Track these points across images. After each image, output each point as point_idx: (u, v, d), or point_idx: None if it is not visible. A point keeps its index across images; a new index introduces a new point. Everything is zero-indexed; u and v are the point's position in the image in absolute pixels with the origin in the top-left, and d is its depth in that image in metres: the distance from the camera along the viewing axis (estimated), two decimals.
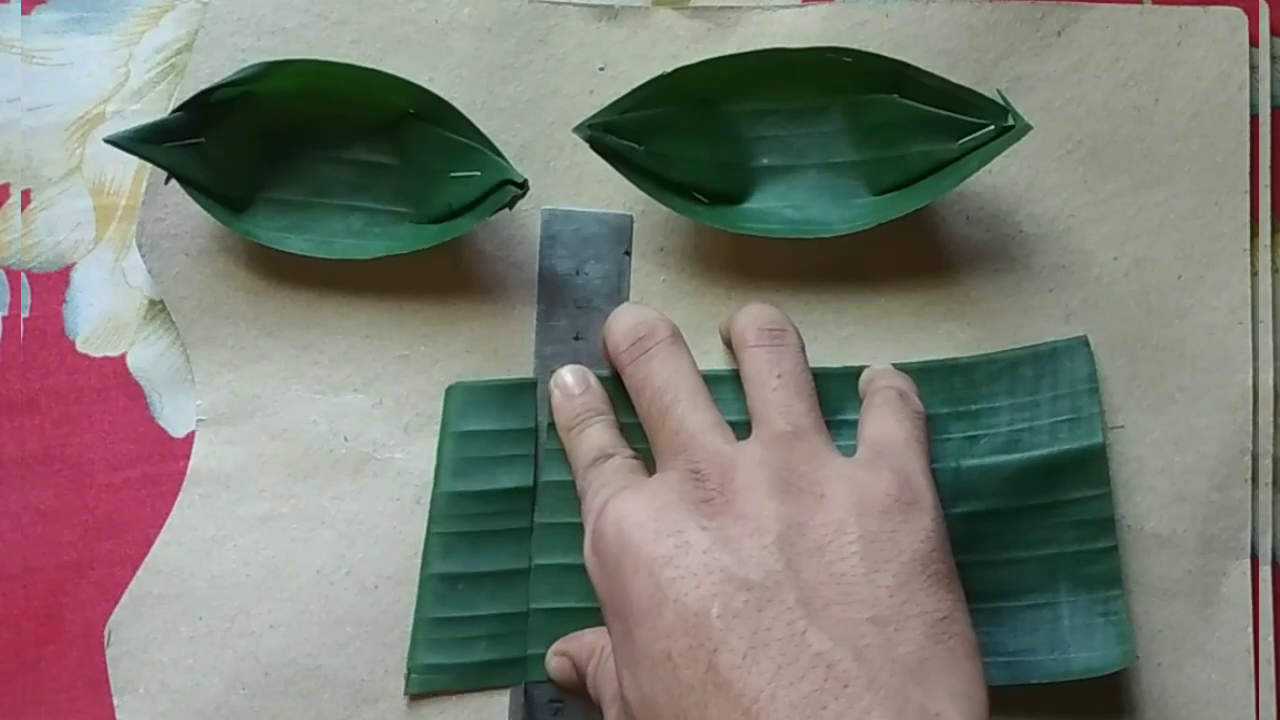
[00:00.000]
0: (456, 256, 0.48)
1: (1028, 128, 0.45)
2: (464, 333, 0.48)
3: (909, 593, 0.38)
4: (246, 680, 0.47)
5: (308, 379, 0.48)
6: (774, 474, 0.41)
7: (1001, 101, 0.45)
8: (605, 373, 0.47)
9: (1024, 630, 0.46)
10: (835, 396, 0.47)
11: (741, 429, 0.47)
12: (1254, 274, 0.49)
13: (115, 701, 0.47)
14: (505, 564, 0.47)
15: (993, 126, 0.45)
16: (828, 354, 0.48)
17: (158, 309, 0.49)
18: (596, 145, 0.46)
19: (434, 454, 0.48)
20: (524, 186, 0.45)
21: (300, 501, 0.48)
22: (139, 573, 0.47)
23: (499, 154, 0.46)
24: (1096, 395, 0.47)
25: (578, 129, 0.45)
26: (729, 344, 0.47)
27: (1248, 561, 0.48)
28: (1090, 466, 0.47)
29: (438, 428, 0.48)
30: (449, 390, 0.48)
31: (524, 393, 0.48)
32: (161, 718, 0.47)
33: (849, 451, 0.47)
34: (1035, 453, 0.47)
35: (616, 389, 0.47)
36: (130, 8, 0.49)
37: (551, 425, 0.47)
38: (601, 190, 0.49)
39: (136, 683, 0.47)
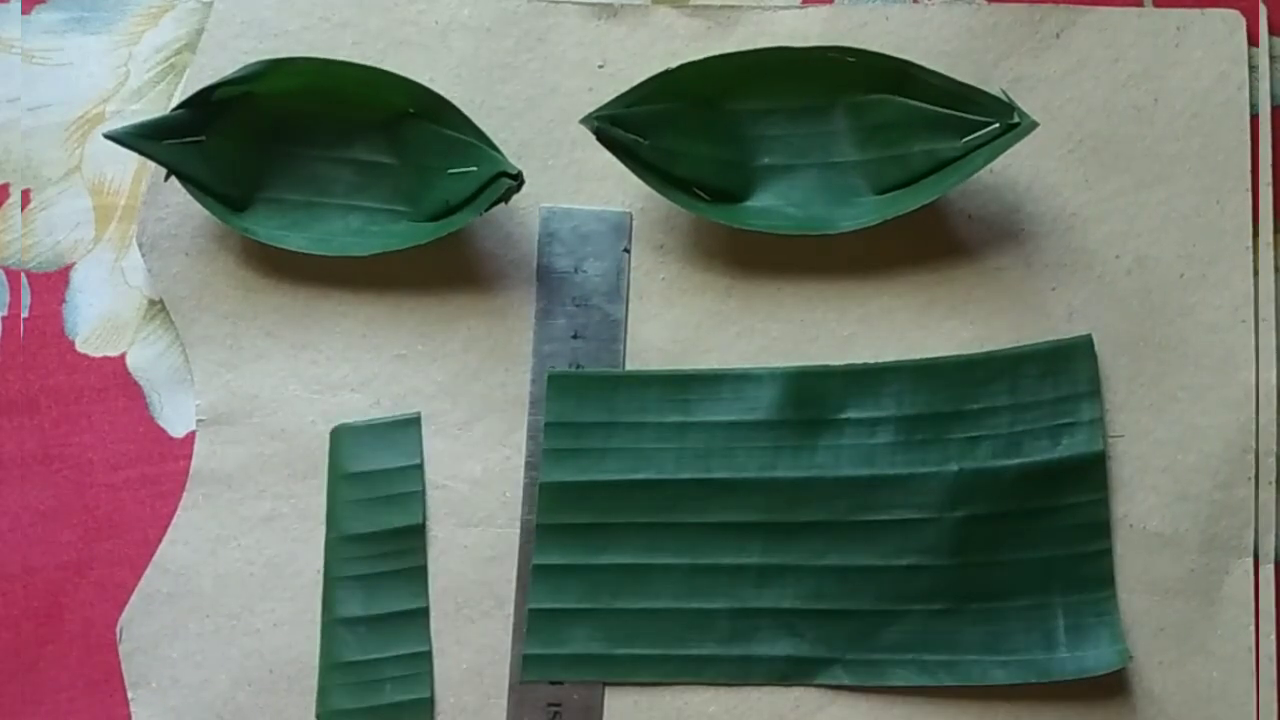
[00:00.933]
0: (455, 254, 0.48)
1: (1034, 124, 0.45)
2: (462, 331, 0.48)
3: None
4: (252, 677, 0.47)
5: (305, 378, 0.48)
6: None
7: (1005, 99, 0.45)
8: (603, 371, 0.48)
9: (1020, 631, 0.46)
10: (837, 395, 0.47)
11: (742, 428, 0.47)
12: (1255, 273, 0.49)
13: (130, 695, 0.47)
14: (403, 604, 0.47)
15: (998, 124, 0.45)
16: (829, 353, 0.48)
17: (157, 309, 0.49)
18: (603, 137, 0.46)
19: (432, 454, 0.48)
20: (518, 178, 0.45)
21: (300, 501, 0.48)
22: (148, 570, 0.47)
23: (494, 148, 0.46)
24: (1098, 398, 0.47)
25: (585, 120, 0.45)
26: None
27: (1250, 560, 0.48)
28: (1090, 472, 0.47)
29: (434, 429, 0.48)
30: (333, 433, 0.48)
31: (408, 429, 0.48)
32: (173, 712, 0.47)
33: (849, 451, 0.47)
34: (1036, 458, 0.47)
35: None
36: (130, 8, 0.50)
37: (550, 425, 0.47)
38: (600, 188, 0.49)
39: (149, 677, 0.47)
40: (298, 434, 0.48)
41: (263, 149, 0.47)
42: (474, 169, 0.46)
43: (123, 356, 0.49)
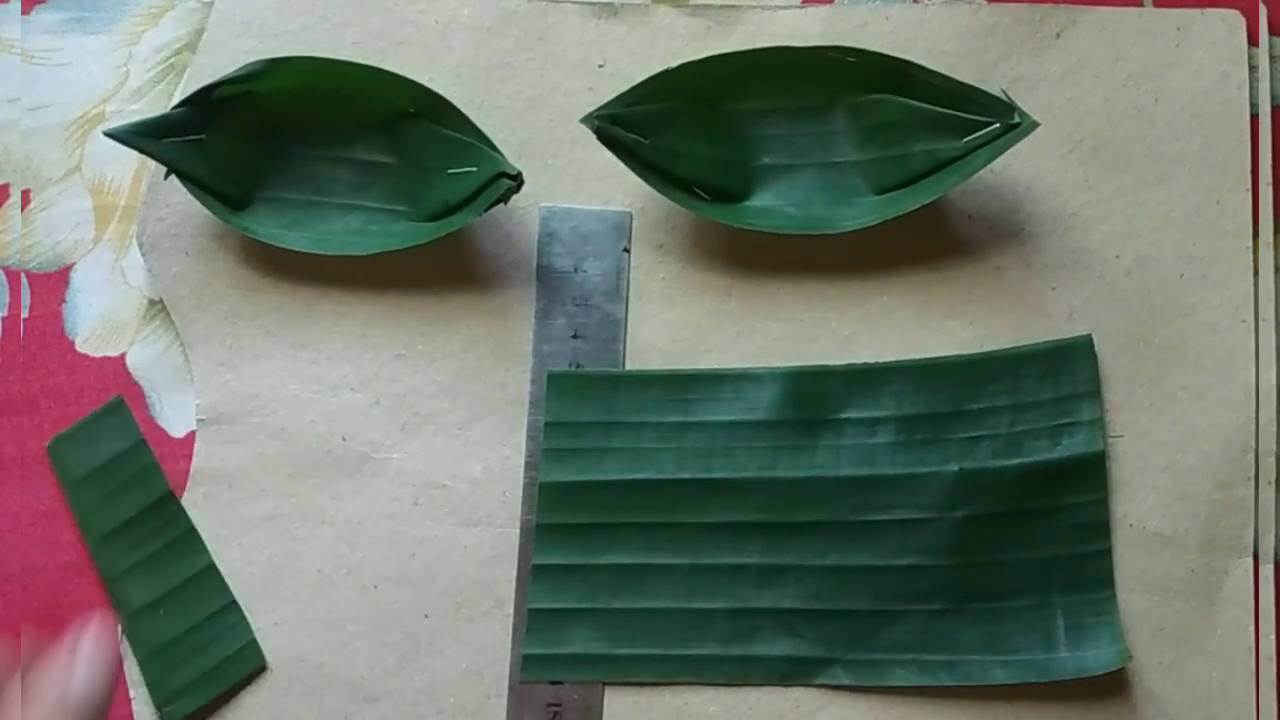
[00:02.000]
0: (455, 254, 0.48)
1: (1034, 124, 0.45)
2: (461, 331, 0.48)
3: None
4: (253, 676, 0.47)
5: (305, 378, 0.48)
6: None
7: (1006, 99, 0.45)
8: (602, 371, 0.48)
9: (1020, 631, 0.46)
10: (837, 395, 0.47)
11: (742, 428, 0.47)
12: (1255, 273, 0.49)
13: (130, 694, 0.47)
14: (188, 571, 0.47)
15: (998, 124, 0.45)
16: (829, 353, 0.48)
17: (157, 309, 0.49)
18: (603, 136, 0.46)
19: (432, 454, 0.48)
20: (518, 179, 0.45)
21: (301, 501, 0.48)
22: None
23: (494, 148, 0.46)
24: (1099, 398, 0.47)
25: (585, 120, 0.45)
26: None
27: (1250, 560, 0.47)
28: (1090, 472, 0.47)
29: (434, 428, 0.48)
30: (50, 450, 0.47)
31: (117, 414, 0.48)
32: None
33: (849, 451, 0.47)
34: (1036, 458, 0.47)
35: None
36: (130, 8, 0.50)
37: (550, 425, 0.47)
38: (600, 187, 0.49)
39: None
40: (298, 434, 0.48)
41: (263, 148, 0.47)
42: (474, 169, 0.46)
43: (123, 356, 0.49)
